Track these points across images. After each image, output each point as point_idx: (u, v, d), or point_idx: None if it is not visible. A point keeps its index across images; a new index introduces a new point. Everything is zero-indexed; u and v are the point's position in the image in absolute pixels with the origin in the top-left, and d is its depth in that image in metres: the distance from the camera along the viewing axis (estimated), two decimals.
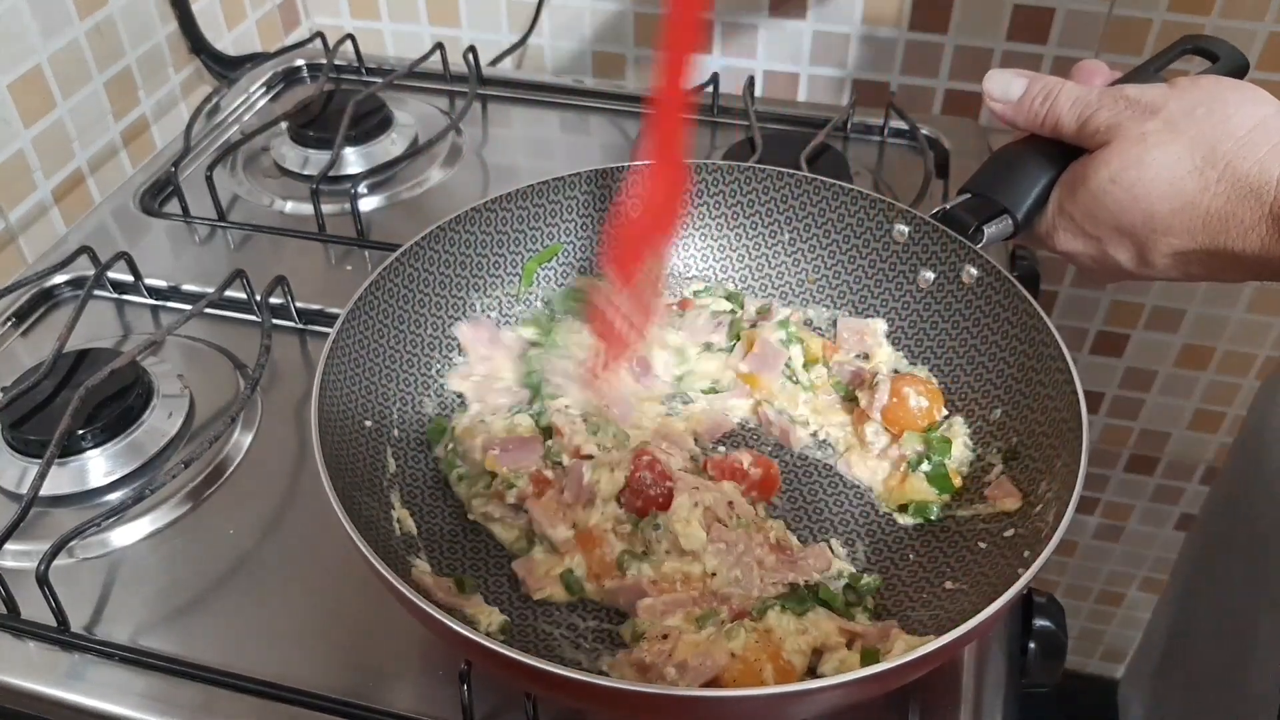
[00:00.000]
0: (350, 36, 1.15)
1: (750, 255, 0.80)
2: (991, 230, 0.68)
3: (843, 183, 0.76)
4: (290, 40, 1.27)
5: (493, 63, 1.24)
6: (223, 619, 0.63)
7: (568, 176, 0.76)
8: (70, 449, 0.70)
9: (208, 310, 0.81)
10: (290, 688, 0.59)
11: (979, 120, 1.13)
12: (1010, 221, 0.68)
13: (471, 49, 1.12)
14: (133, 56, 1.04)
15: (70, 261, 0.83)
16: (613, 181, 0.78)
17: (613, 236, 0.73)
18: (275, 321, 0.81)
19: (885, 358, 0.75)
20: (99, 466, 0.71)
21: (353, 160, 1.00)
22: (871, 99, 1.09)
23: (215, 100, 1.11)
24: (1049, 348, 0.64)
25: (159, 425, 0.74)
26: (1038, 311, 0.66)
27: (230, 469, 0.73)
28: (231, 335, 0.83)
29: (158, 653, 0.61)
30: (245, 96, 1.13)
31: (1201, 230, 0.59)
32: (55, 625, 0.62)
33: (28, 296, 0.86)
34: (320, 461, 0.56)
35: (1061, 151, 0.66)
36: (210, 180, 0.94)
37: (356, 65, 1.17)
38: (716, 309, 0.77)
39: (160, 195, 0.98)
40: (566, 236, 0.78)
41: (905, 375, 0.72)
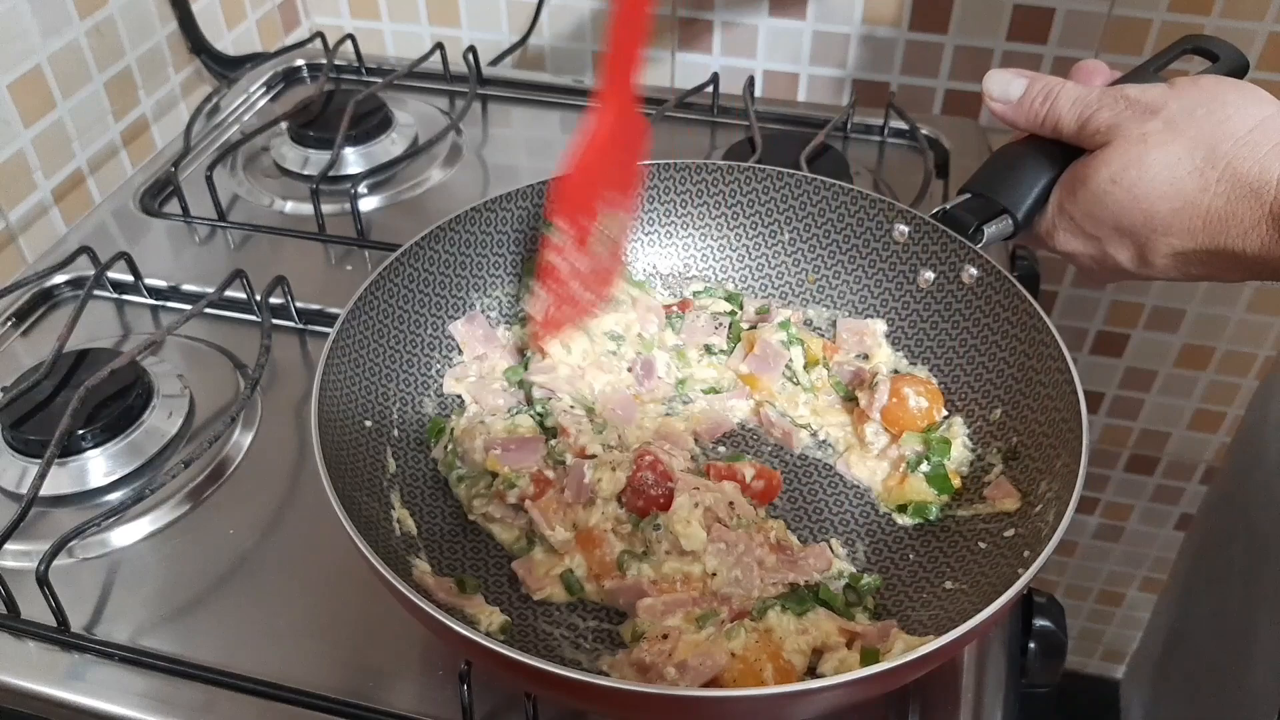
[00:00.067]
0: (350, 36, 1.15)
1: (750, 255, 0.80)
2: (991, 230, 0.69)
3: (843, 183, 0.76)
4: (290, 40, 1.27)
5: (493, 63, 1.24)
6: (223, 619, 0.63)
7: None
8: (70, 449, 0.70)
9: (208, 310, 0.81)
10: (290, 688, 0.59)
11: (979, 120, 1.13)
12: (1010, 221, 0.68)
13: (471, 49, 1.12)
14: (133, 56, 1.04)
15: (70, 261, 0.83)
16: None
17: (561, 184, 0.70)
18: (275, 321, 0.81)
19: (885, 358, 0.75)
20: (99, 466, 0.71)
21: (353, 160, 1.00)
22: (871, 99, 1.09)
23: (215, 100, 1.11)
24: (1049, 348, 0.64)
25: (159, 425, 0.74)
26: (1038, 311, 0.66)
27: (230, 469, 0.73)
28: (231, 335, 0.83)
29: (158, 653, 0.61)
30: (245, 96, 1.13)
31: (1202, 230, 0.59)
32: (55, 625, 0.62)
33: (28, 296, 0.86)
34: (320, 461, 0.56)
35: (1061, 151, 0.66)
36: (210, 180, 0.94)
37: (356, 65, 1.17)
38: (716, 310, 0.77)
39: (160, 195, 0.98)
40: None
41: (905, 375, 0.72)
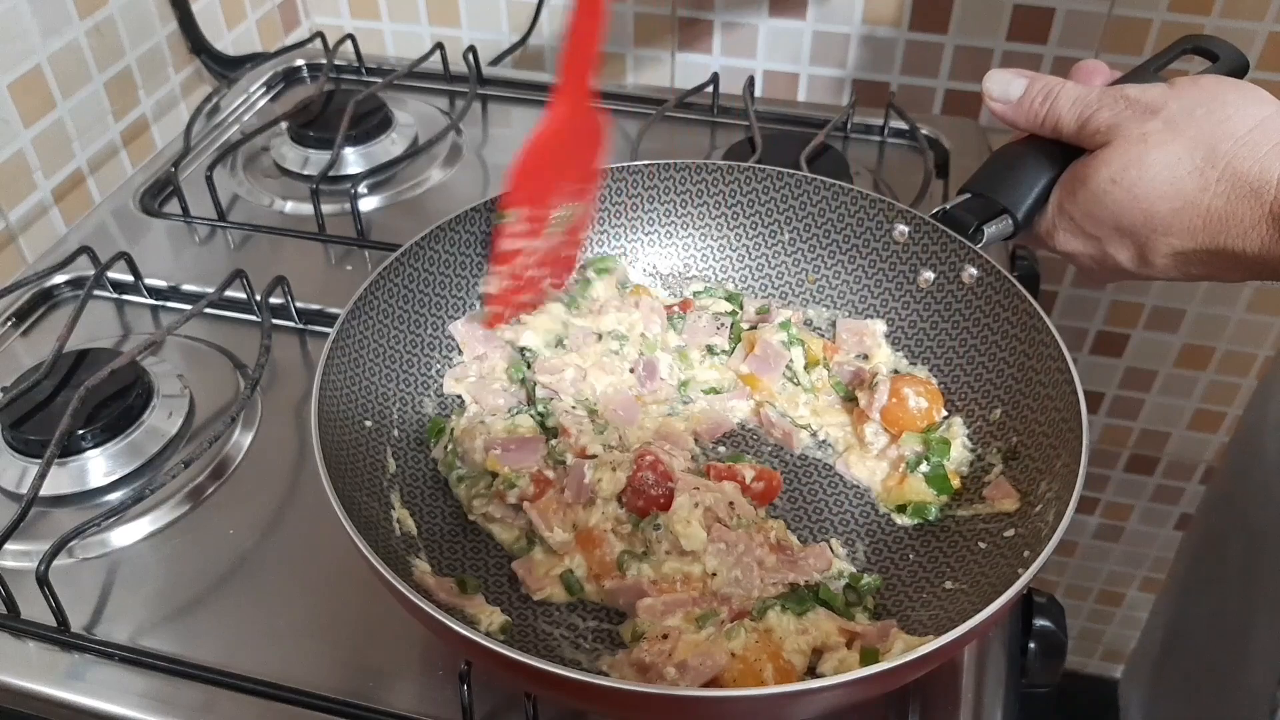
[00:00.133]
0: (350, 36, 1.15)
1: (750, 255, 0.80)
2: (991, 230, 0.68)
3: (843, 183, 0.76)
4: (290, 40, 1.27)
5: (493, 63, 1.24)
6: (223, 619, 0.63)
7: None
8: (70, 449, 0.70)
9: (208, 310, 0.81)
10: (290, 688, 0.59)
11: (979, 120, 1.13)
12: (1010, 221, 0.68)
13: (471, 49, 1.12)
14: (133, 56, 1.04)
15: (70, 261, 0.83)
16: (612, 182, 0.78)
17: (512, 174, 0.70)
18: (275, 321, 0.81)
19: (884, 358, 0.75)
20: (99, 466, 0.71)
21: (353, 160, 1.00)
22: (871, 99, 1.09)
23: (215, 100, 1.11)
24: (1049, 348, 0.64)
25: (159, 425, 0.74)
26: (1038, 311, 0.66)
27: (230, 469, 0.73)
28: (231, 335, 0.83)
29: (158, 653, 0.61)
30: (245, 96, 1.13)
31: (1201, 230, 0.59)
32: (55, 625, 0.62)
33: (28, 296, 0.86)
34: (320, 461, 0.56)
35: (1061, 151, 0.66)
36: (210, 180, 0.94)
37: (356, 65, 1.17)
38: (717, 310, 0.77)
39: (160, 195, 0.98)
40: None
41: (905, 376, 0.72)
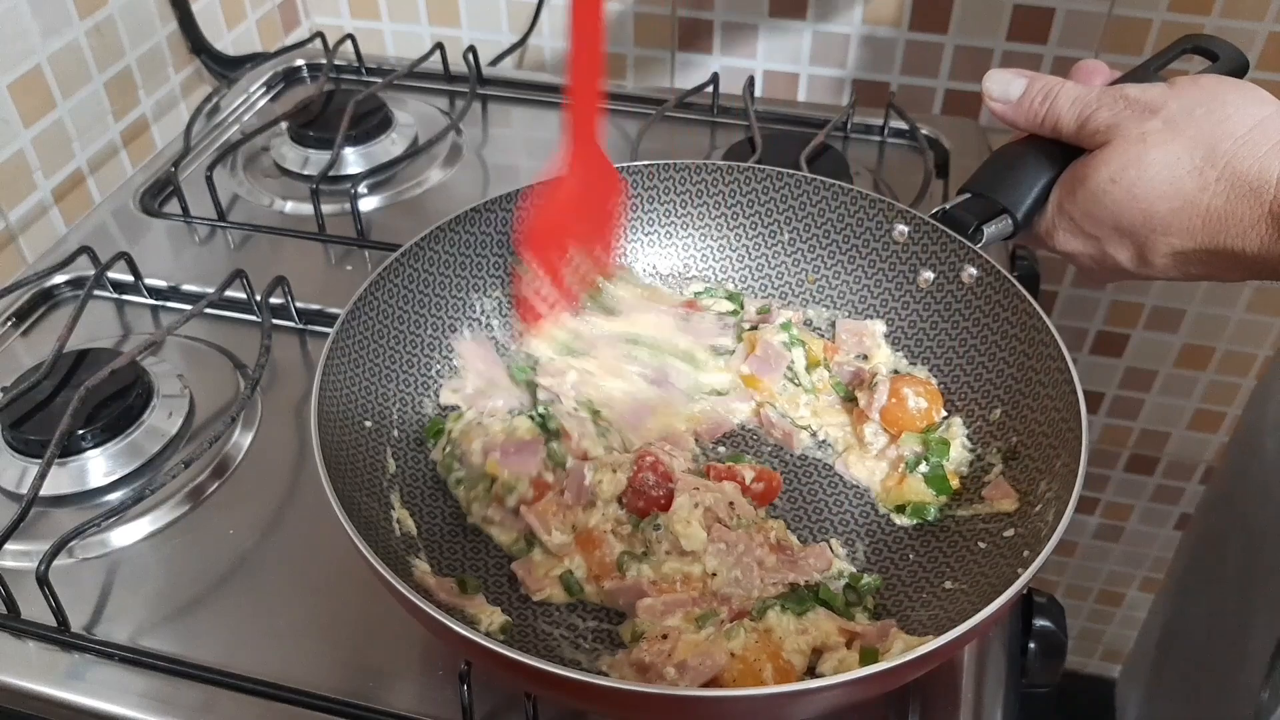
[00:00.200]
0: (350, 36, 1.15)
1: (750, 255, 0.80)
2: (991, 230, 0.69)
3: (843, 183, 0.76)
4: (290, 40, 1.27)
5: (493, 63, 1.24)
6: (223, 619, 0.63)
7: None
8: (70, 449, 0.70)
9: (208, 310, 0.81)
10: (290, 688, 0.59)
11: (979, 120, 1.13)
12: (1010, 221, 0.68)
13: (471, 49, 1.12)
14: (133, 56, 1.04)
15: (70, 261, 0.83)
16: None
17: (531, 224, 0.72)
18: (275, 321, 0.81)
19: (884, 358, 0.75)
20: (99, 466, 0.71)
21: (353, 160, 1.00)
22: (871, 99, 1.09)
23: (215, 100, 1.11)
24: (1049, 348, 0.64)
25: (159, 425, 0.74)
26: (1038, 311, 0.66)
27: (230, 469, 0.73)
28: (231, 335, 0.83)
29: (158, 653, 0.61)
30: (245, 96, 1.13)
31: (1201, 229, 0.59)
32: (55, 625, 0.62)
33: (28, 296, 0.86)
34: (320, 461, 0.56)
35: (1061, 151, 0.66)
36: (210, 180, 0.94)
37: (356, 65, 1.17)
38: (720, 310, 0.77)
39: (160, 195, 0.98)
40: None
41: (904, 376, 0.72)
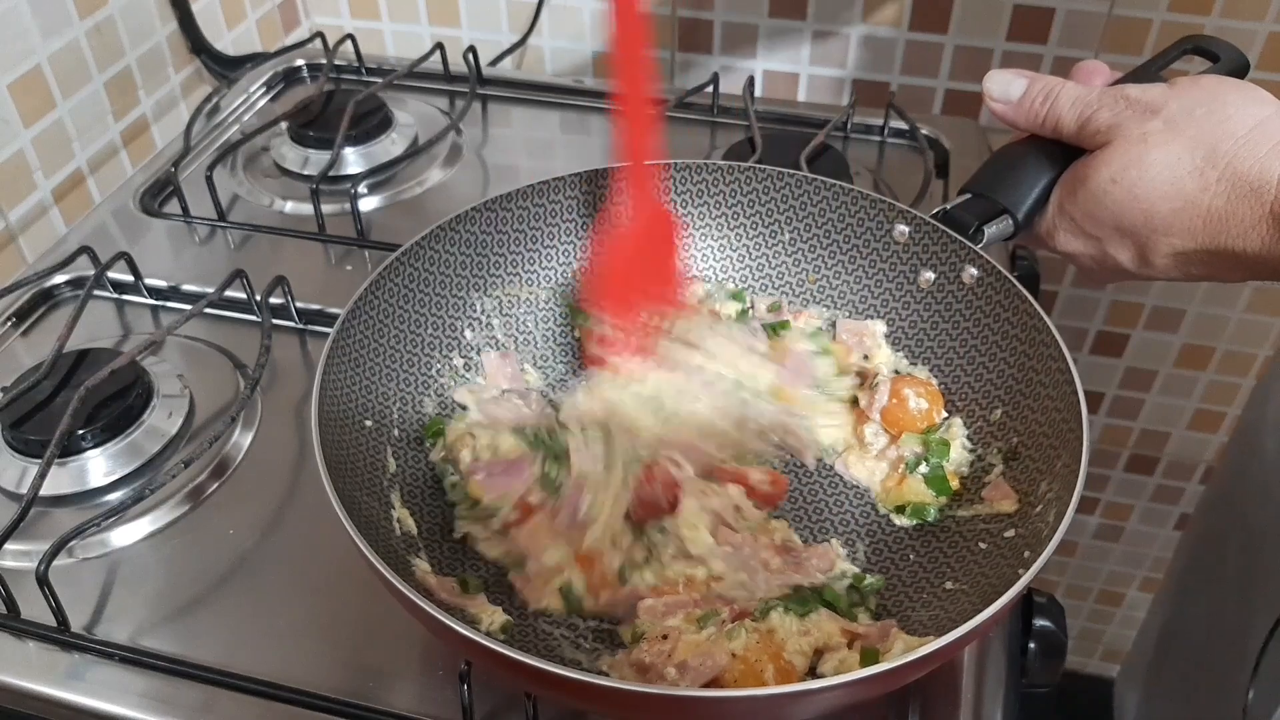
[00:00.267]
0: (350, 36, 1.15)
1: (750, 255, 0.80)
2: (992, 230, 0.68)
3: (843, 183, 0.75)
4: (290, 40, 1.27)
5: (493, 63, 1.24)
6: (223, 619, 0.63)
7: (568, 176, 0.76)
8: (70, 449, 0.70)
9: (208, 310, 0.81)
10: (290, 688, 0.59)
11: (979, 120, 1.13)
12: (1010, 222, 0.68)
13: (471, 49, 1.12)
14: (133, 56, 1.04)
15: (70, 261, 0.83)
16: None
17: (602, 281, 0.72)
18: (275, 321, 0.81)
19: (885, 358, 0.75)
20: (99, 466, 0.71)
21: (353, 160, 1.00)
22: (871, 99, 1.09)
23: (215, 100, 1.11)
24: (1049, 348, 0.64)
25: (159, 425, 0.74)
26: (1038, 311, 0.66)
27: (230, 469, 0.73)
28: (231, 335, 0.83)
29: (158, 653, 0.61)
30: (245, 96, 1.13)
31: (1202, 230, 0.59)
32: (55, 625, 0.62)
33: (28, 296, 0.86)
34: (320, 461, 0.56)
35: (1062, 152, 0.66)
36: (210, 180, 0.94)
37: (356, 65, 1.17)
38: (726, 312, 0.76)
39: (160, 195, 0.98)
40: (566, 237, 0.78)
41: (905, 376, 0.72)
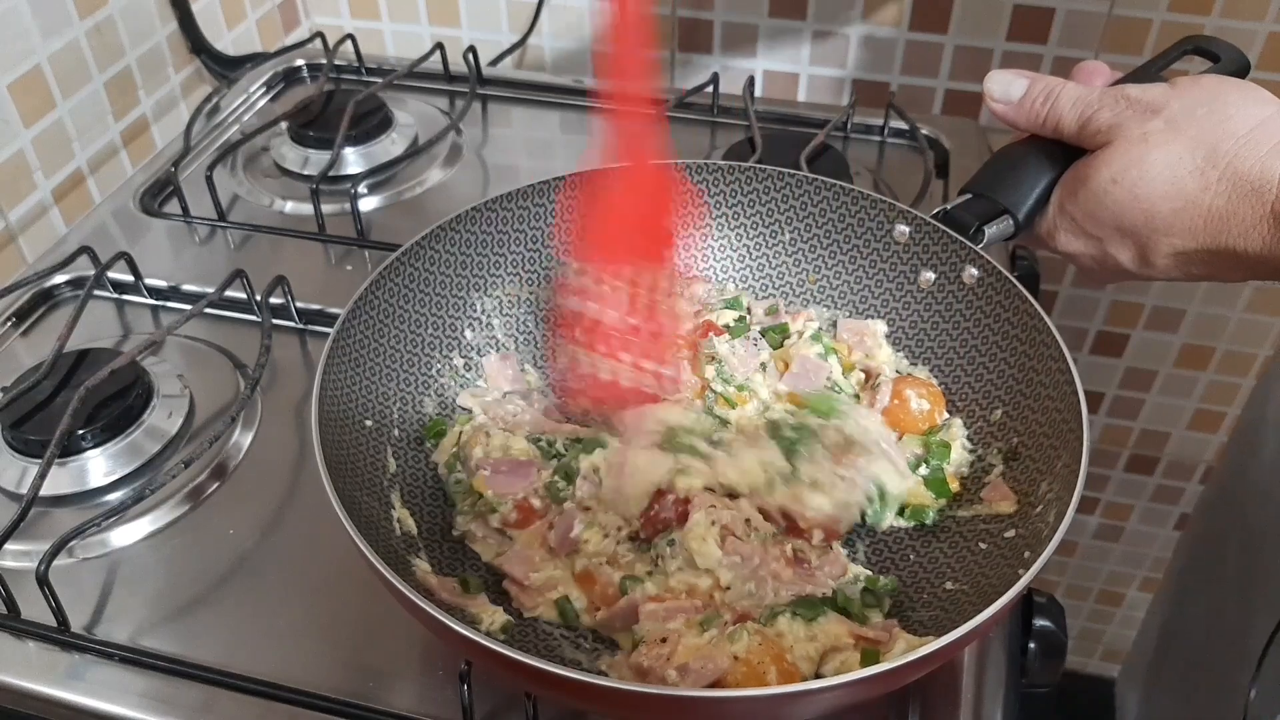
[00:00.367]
0: (350, 36, 1.15)
1: (750, 255, 0.80)
2: (992, 230, 0.68)
3: (843, 183, 0.75)
4: (290, 40, 1.27)
5: (493, 63, 1.24)
6: (223, 619, 0.63)
7: (568, 176, 0.76)
8: (70, 449, 0.70)
9: (208, 310, 0.81)
10: (290, 688, 0.59)
11: (979, 120, 1.13)
12: (1011, 222, 0.68)
13: (471, 49, 1.12)
14: (133, 56, 1.04)
15: (70, 261, 0.83)
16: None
17: (590, 229, 0.68)
18: (275, 321, 0.81)
19: (885, 359, 0.74)
20: (99, 466, 0.70)
21: (353, 160, 1.00)
22: (871, 99, 1.09)
23: (215, 100, 1.11)
24: (1049, 348, 0.64)
25: (159, 425, 0.74)
26: (1038, 311, 0.66)
27: (230, 469, 0.73)
28: (231, 335, 0.83)
29: (158, 653, 0.61)
30: (245, 96, 1.13)
31: (1203, 230, 0.59)
32: (55, 625, 0.62)
33: (28, 296, 0.86)
34: (320, 461, 0.56)
35: (1062, 152, 0.66)
36: (210, 180, 0.94)
37: (356, 65, 1.17)
38: (724, 322, 0.75)
39: (160, 195, 0.98)
40: (566, 237, 0.78)
41: (907, 377, 0.72)
